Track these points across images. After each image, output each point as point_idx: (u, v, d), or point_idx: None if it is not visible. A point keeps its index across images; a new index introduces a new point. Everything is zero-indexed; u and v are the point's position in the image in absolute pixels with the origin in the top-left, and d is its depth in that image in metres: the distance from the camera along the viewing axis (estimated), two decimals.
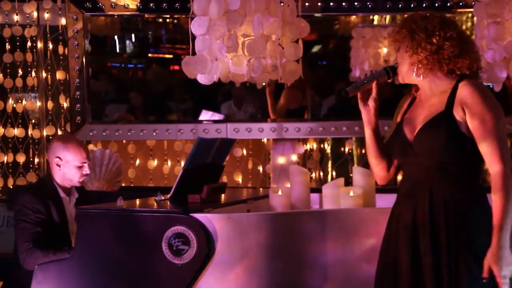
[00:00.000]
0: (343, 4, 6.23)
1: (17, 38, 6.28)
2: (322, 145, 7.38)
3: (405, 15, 3.24)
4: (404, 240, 3.00)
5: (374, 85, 3.12)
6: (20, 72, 6.30)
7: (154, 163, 6.95)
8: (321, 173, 7.34)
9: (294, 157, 6.42)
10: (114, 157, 6.05)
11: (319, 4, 6.25)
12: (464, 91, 2.93)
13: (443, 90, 3.00)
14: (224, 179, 6.35)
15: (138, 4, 6.28)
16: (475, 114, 2.89)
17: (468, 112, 2.91)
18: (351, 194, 3.81)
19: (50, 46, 6.33)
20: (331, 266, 3.55)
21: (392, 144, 3.14)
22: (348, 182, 4.23)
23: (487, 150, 2.89)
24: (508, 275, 2.85)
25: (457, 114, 2.93)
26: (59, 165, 4.21)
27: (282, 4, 4.68)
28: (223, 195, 4.15)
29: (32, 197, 4.12)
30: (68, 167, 4.20)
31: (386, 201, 3.91)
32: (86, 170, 4.24)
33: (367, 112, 3.16)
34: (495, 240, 2.84)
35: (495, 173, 2.88)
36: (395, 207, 3.12)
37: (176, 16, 7.34)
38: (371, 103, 3.14)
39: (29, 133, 6.37)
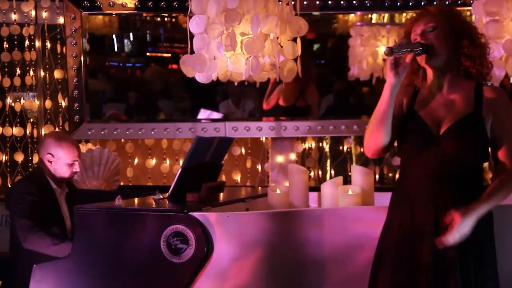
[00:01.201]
0: (341, 2, 6.23)
1: (15, 37, 6.26)
2: (320, 144, 7.37)
3: (405, 14, 3.23)
4: (425, 231, 2.98)
5: (410, 56, 3.02)
6: (18, 71, 6.29)
7: (152, 162, 6.94)
8: (320, 172, 7.33)
9: (293, 156, 6.41)
10: (112, 156, 6.06)
11: (317, 2, 6.24)
12: (494, 94, 3.03)
13: (463, 89, 3.05)
14: (223, 177, 6.34)
15: (136, 3, 6.27)
16: (503, 117, 3.01)
17: (496, 115, 3.01)
18: (350, 192, 3.80)
19: (48, 45, 6.32)
20: (330, 264, 3.54)
21: (409, 133, 3.09)
22: (347, 181, 4.22)
23: (507, 153, 2.99)
24: (454, 239, 2.86)
25: (485, 116, 3.00)
26: (50, 161, 4.32)
27: (280, 2, 4.68)
28: (221, 193, 4.14)
29: (26, 183, 4.29)
30: (59, 164, 4.32)
31: (385, 199, 3.90)
32: (77, 168, 4.36)
33: (394, 75, 3.00)
34: (477, 205, 2.89)
35: (510, 172, 2.99)
36: (401, 194, 3.10)
37: (174, 14, 7.32)
38: (401, 70, 3.02)
39: (27, 132, 6.36)
